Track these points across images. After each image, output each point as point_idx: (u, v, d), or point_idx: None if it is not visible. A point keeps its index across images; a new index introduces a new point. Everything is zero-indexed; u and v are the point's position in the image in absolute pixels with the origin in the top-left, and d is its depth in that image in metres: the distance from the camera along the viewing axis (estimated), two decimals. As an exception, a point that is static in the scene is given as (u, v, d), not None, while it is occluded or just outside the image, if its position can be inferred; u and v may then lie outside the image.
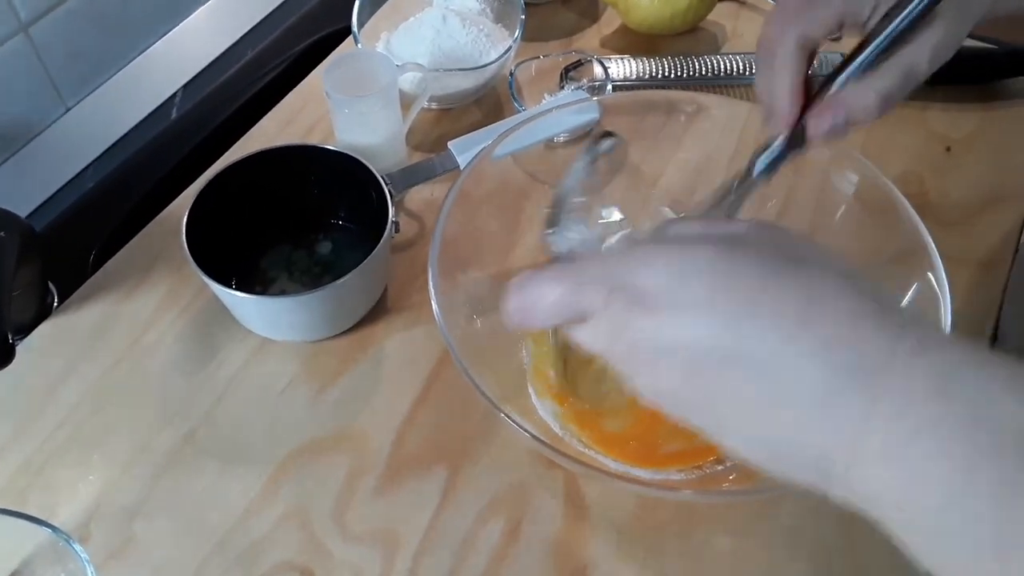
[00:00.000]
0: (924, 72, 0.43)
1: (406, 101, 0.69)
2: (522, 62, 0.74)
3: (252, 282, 0.62)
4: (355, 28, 0.72)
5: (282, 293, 0.61)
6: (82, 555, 0.45)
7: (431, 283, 0.50)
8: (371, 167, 0.60)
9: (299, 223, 0.65)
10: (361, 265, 0.55)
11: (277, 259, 0.64)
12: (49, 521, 0.45)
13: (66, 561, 0.46)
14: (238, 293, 0.55)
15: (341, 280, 0.54)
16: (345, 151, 0.61)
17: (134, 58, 0.81)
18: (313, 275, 0.63)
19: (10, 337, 0.50)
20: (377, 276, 0.60)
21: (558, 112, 0.60)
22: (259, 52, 0.85)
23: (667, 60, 0.77)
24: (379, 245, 0.56)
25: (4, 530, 0.46)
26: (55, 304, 0.63)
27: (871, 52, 0.43)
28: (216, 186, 0.59)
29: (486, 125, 0.68)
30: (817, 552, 0.51)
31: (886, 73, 0.43)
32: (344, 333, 0.61)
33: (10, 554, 0.47)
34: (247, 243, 0.63)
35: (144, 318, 0.61)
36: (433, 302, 0.49)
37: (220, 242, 0.58)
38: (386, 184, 0.59)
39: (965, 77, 0.77)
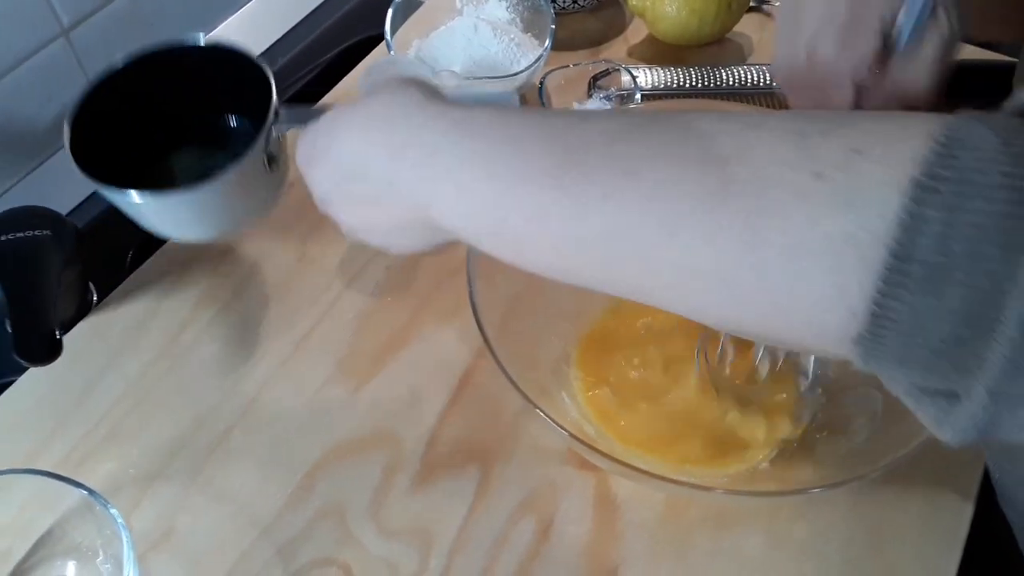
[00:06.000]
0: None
1: (439, 108, 0.70)
2: (551, 71, 0.76)
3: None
4: (388, 35, 0.74)
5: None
6: (117, 518, 0.45)
7: (469, 282, 0.51)
8: (252, 55, 0.51)
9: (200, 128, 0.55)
10: (246, 154, 0.47)
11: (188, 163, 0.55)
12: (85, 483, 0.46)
13: (100, 523, 0.47)
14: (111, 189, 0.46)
15: (221, 175, 0.46)
16: (221, 43, 0.52)
17: (169, 63, 0.82)
18: None
19: (57, 333, 0.52)
20: (262, 172, 0.49)
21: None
22: (292, 58, 0.86)
23: (694, 70, 0.78)
24: (264, 127, 0.47)
25: (38, 490, 0.47)
26: (95, 302, 0.64)
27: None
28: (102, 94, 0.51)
29: (517, 132, 0.68)
30: (847, 554, 0.52)
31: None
32: (378, 333, 0.62)
33: (44, 514, 0.48)
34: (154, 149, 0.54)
35: (182, 317, 0.63)
36: (471, 301, 0.50)
37: (117, 146, 0.50)
38: (266, 70, 0.50)
39: (980, 92, 0.78)
